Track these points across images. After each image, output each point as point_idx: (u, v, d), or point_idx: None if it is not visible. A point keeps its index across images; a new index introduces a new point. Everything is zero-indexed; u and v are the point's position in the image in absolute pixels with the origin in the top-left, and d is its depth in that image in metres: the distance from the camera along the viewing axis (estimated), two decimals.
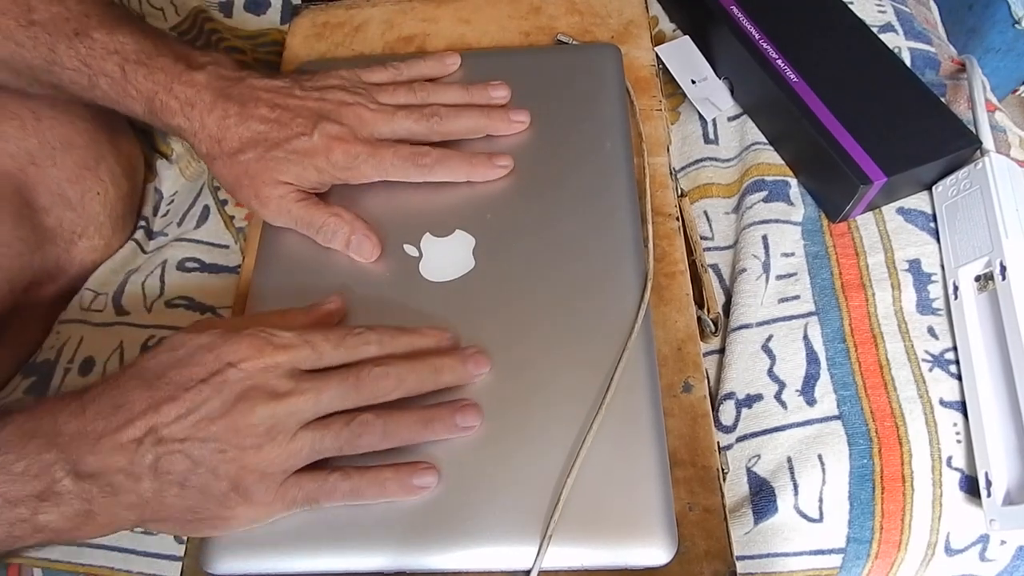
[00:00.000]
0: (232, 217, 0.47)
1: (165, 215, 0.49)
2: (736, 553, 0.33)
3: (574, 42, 0.46)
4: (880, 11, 0.49)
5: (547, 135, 0.39)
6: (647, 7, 0.49)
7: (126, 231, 0.47)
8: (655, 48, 0.47)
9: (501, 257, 0.36)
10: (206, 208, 0.47)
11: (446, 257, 0.36)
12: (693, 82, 0.47)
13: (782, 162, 0.44)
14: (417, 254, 0.36)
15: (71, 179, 0.43)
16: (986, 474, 0.34)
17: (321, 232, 0.37)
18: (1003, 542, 0.35)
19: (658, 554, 0.29)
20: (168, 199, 0.50)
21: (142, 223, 0.49)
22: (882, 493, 0.35)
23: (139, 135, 0.51)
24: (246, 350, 0.29)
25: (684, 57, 0.48)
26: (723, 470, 0.35)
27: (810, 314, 0.39)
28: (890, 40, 0.46)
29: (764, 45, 0.44)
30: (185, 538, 0.36)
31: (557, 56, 0.43)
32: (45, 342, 0.43)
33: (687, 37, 0.48)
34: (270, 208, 0.37)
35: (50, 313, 0.44)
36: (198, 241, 0.46)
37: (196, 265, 0.45)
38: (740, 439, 0.37)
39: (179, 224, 0.47)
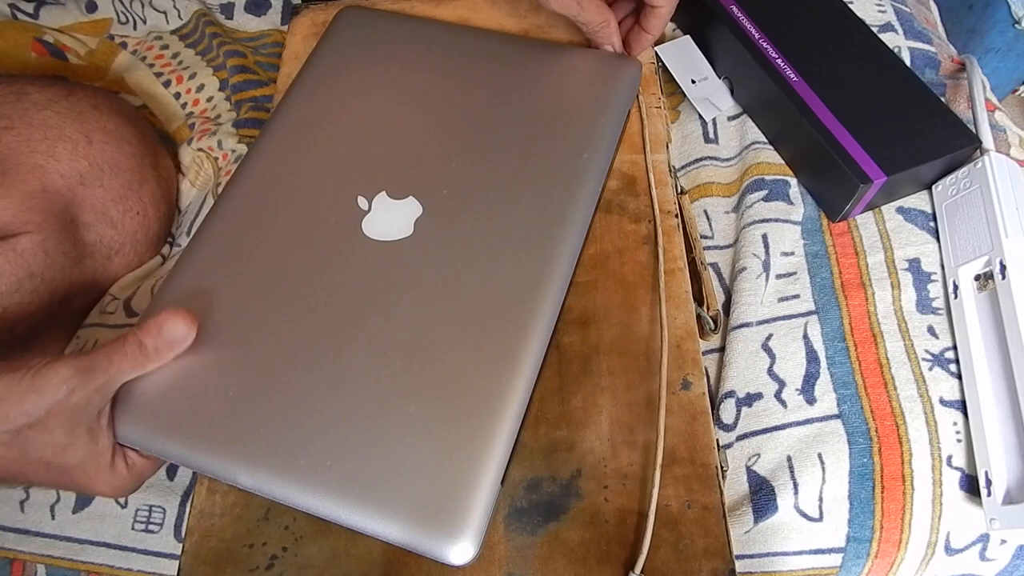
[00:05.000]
0: None
1: (179, 226, 0.50)
2: (736, 552, 0.33)
3: None
4: (880, 11, 0.49)
5: (533, 133, 0.39)
6: None
7: (158, 248, 0.49)
8: (655, 47, 0.47)
9: (437, 233, 0.36)
10: None
11: (390, 219, 0.36)
12: (693, 81, 0.47)
13: (782, 161, 0.44)
14: (367, 208, 0.37)
15: (115, 199, 0.44)
16: (986, 473, 0.34)
17: None
18: (1003, 541, 0.35)
19: (448, 551, 0.28)
20: (184, 211, 0.51)
21: (169, 239, 0.50)
22: (882, 492, 0.35)
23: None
24: None
25: (684, 57, 0.48)
26: (722, 468, 0.35)
27: (810, 313, 0.39)
28: (890, 40, 0.46)
29: (764, 45, 0.44)
30: (183, 537, 0.36)
31: (577, 57, 0.43)
32: (67, 348, 0.44)
33: (687, 37, 0.48)
34: None
35: (78, 325, 0.45)
36: None
37: None
38: (740, 438, 0.37)
39: (188, 233, 0.48)
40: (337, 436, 0.31)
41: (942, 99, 0.42)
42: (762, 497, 0.36)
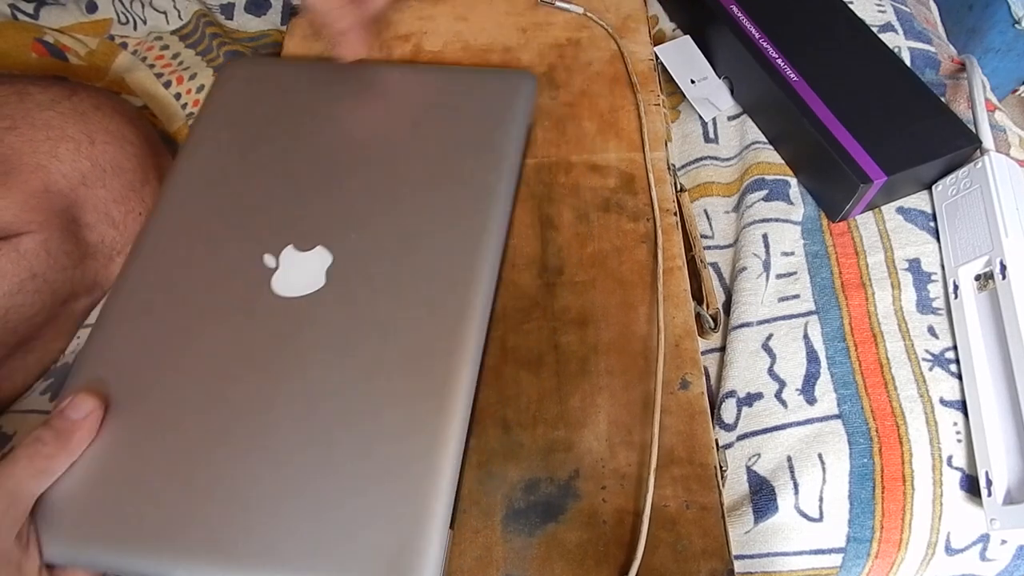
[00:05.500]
0: None
1: None
2: (736, 552, 0.33)
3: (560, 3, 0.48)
4: (880, 11, 0.49)
5: (435, 161, 0.38)
6: (645, 3, 0.49)
7: None
8: (654, 48, 0.47)
9: (350, 281, 0.35)
10: None
11: (300, 272, 0.35)
12: (692, 82, 0.47)
13: (782, 161, 0.44)
14: (274, 265, 0.35)
15: (117, 200, 0.44)
16: (986, 473, 0.33)
17: None
18: (1004, 541, 0.35)
19: None
20: None
21: None
22: (882, 492, 0.35)
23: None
24: None
25: (684, 57, 0.48)
26: (721, 468, 0.34)
27: (810, 313, 0.39)
28: (890, 40, 0.46)
29: (764, 44, 0.44)
30: None
31: (470, 79, 0.42)
32: (68, 348, 0.44)
33: (687, 37, 0.48)
34: None
35: (79, 325, 0.45)
36: None
37: None
38: (740, 437, 0.37)
39: None
40: (271, 510, 0.29)
41: (942, 99, 0.42)
42: (762, 497, 0.35)
